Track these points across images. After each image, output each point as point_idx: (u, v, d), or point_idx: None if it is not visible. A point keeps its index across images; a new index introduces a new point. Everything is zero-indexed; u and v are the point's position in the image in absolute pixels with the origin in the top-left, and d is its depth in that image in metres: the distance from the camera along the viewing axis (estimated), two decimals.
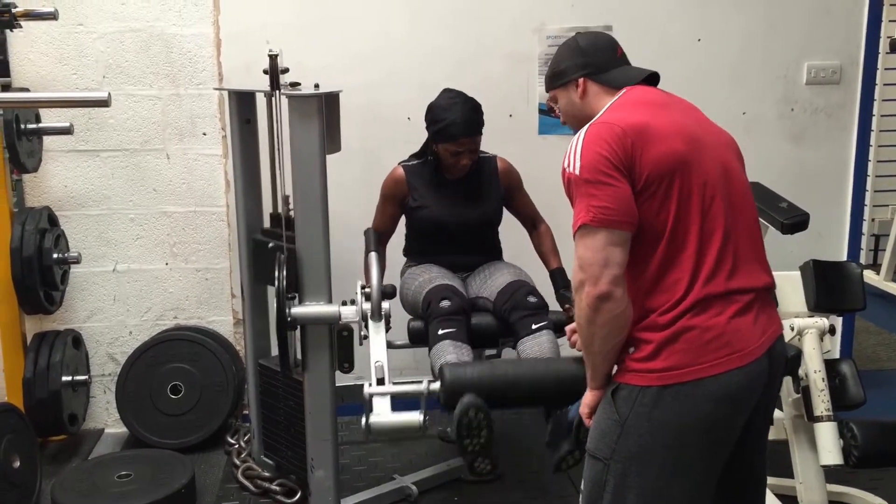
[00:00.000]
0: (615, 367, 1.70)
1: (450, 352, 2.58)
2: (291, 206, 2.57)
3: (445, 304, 2.65)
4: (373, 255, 2.65)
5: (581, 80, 1.83)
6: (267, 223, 2.94)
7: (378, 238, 2.88)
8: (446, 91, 2.90)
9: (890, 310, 5.00)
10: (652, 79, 1.87)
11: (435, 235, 2.93)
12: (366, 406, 2.25)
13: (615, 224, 1.58)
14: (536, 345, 2.64)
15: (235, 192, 3.00)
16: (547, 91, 1.95)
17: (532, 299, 2.70)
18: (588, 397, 1.76)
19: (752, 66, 3.55)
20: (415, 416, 2.21)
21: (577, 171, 1.62)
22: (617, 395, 1.67)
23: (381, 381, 2.32)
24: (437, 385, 2.11)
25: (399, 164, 2.98)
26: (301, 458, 2.71)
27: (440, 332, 2.61)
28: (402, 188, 2.92)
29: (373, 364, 2.36)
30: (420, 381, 2.15)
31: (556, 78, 1.90)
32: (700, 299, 1.61)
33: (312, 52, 3.25)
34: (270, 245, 2.48)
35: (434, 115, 2.84)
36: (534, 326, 2.66)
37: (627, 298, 1.60)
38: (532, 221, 3.06)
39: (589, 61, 1.85)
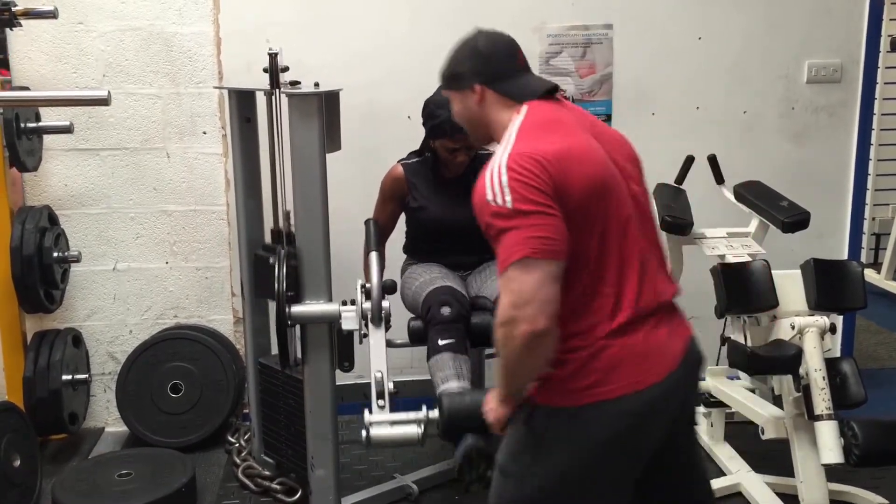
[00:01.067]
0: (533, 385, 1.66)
1: (449, 366, 2.59)
2: (293, 223, 2.55)
3: (445, 310, 2.62)
4: (373, 255, 2.64)
5: (478, 88, 1.75)
6: (268, 238, 2.93)
7: (378, 232, 2.87)
8: None
9: (891, 309, 4.99)
10: (551, 89, 1.77)
11: (435, 235, 2.92)
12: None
13: (557, 255, 1.51)
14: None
15: (235, 190, 3.00)
16: (441, 89, 1.86)
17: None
18: (502, 411, 1.71)
19: (752, 65, 3.54)
20: (413, 430, 2.28)
21: (507, 204, 1.52)
22: (536, 414, 1.65)
23: (380, 395, 2.38)
24: (435, 413, 2.21)
25: (398, 162, 2.97)
26: (301, 457, 2.71)
27: (440, 342, 2.60)
28: (401, 187, 2.91)
29: (373, 374, 2.39)
30: (420, 410, 2.27)
31: (452, 80, 1.82)
32: (623, 322, 1.59)
33: (312, 50, 3.25)
34: (271, 261, 2.45)
35: (430, 111, 2.80)
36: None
37: (557, 332, 1.54)
38: None
39: (488, 68, 1.76)
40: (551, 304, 1.49)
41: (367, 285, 2.48)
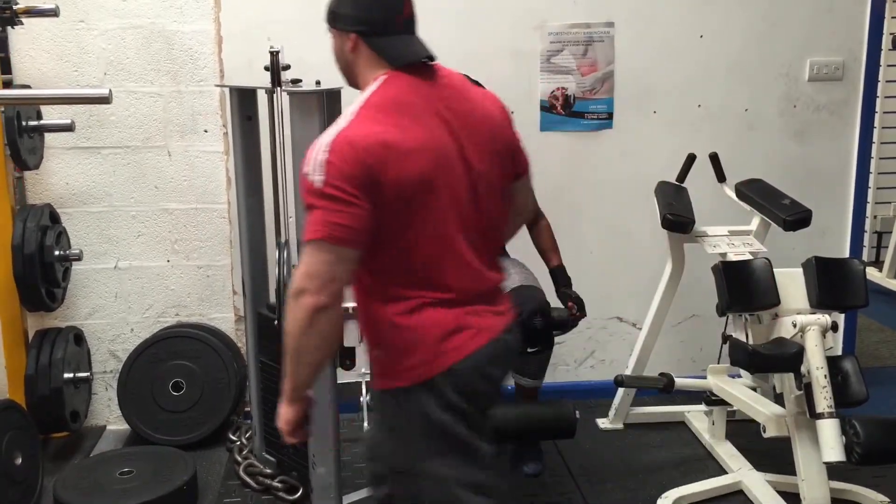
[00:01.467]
0: (371, 377, 1.71)
1: None
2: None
3: None
4: None
5: (353, 37, 1.73)
6: (272, 298, 2.93)
7: None
8: None
9: (892, 307, 4.99)
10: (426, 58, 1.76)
11: None
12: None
13: (350, 244, 1.56)
14: (524, 366, 2.71)
15: (237, 188, 2.99)
16: (326, 22, 1.82)
17: (537, 321, 2.62)
18: (288, 413, 1.73)
19: (754, 63, 3.54)
20: None
21: (318, 184, 1.55)
22: (381, 403, 1.71)
23: None
24: None
25: None
26: (303, 455, 2.71)
27: None
28: None
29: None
30: None
31: (333, 18, 1.77)
32: (439, 306, 1.66)
33: (314, 48, 3.21)
34: (276, 322, 2.43)
35: None
36: (528, 350, 2.64)
37: (341, 313, 1.63)
38: (532, 215, 3.03)
39: (367, 18, 1.72)
40: (337, 283, 1.57)
41: None
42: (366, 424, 2.64)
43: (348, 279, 1.61)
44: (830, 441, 2.42)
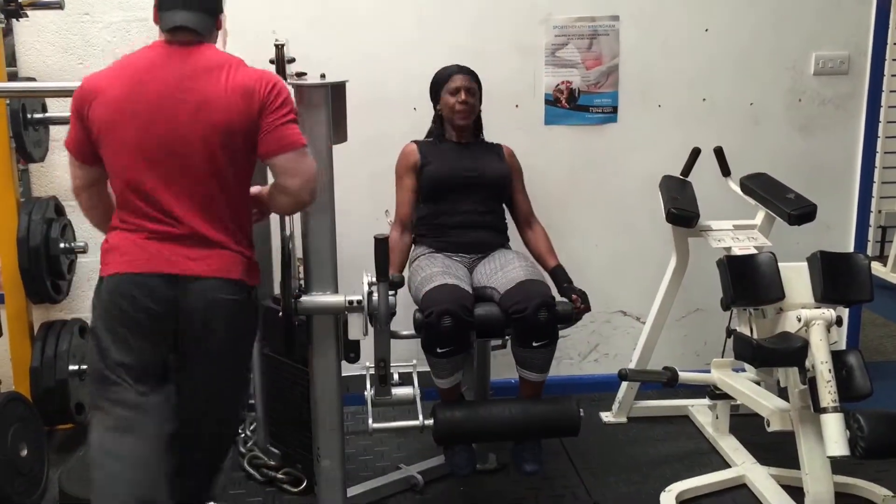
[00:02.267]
0: None
1: (445, 367, 2.68)
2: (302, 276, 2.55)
3: (446, 321, 2.57)
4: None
5: (154, 10, 2.15)
6: (276, 290, 2.92)
7: (402, 226, 2.97)
8: None
9: None
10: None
11: (446, 190, 2.92)
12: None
13: (76, 155, 2.14)
14: (529, 360, 2.70)
15: None
16: None
17: (542, 315, 2.61)
18: None
19: (759, 57, 3.53)
20: (415, 421, 2.65)
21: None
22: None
23: (383, 380, 2.59)
24: (430, 421, 2.62)
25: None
26: (307, 448, 2.72)
27: (438, 350, 2.63)
28: (415, 157, 2.98)
29: (376, 367, 2.55)
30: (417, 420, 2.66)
31: None
32: (126, 226, 2.09)
33: (319, 43, 3.25)
34: (280, 315, 2.46)
35: (433, 78, 3.06)
36: (534, 344, 2.65)
37: (89, 205, 2.22)
38: (527, 219, 3.05)
39: None
40: (76, 179, 2.18)
41: (373, 288, 2.47)
42: (370, 417, 2.65)
43: (85, 181, 2.16)
44: (834, 435, 2.42)
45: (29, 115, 2.97)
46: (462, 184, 2.92)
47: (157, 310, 2.05)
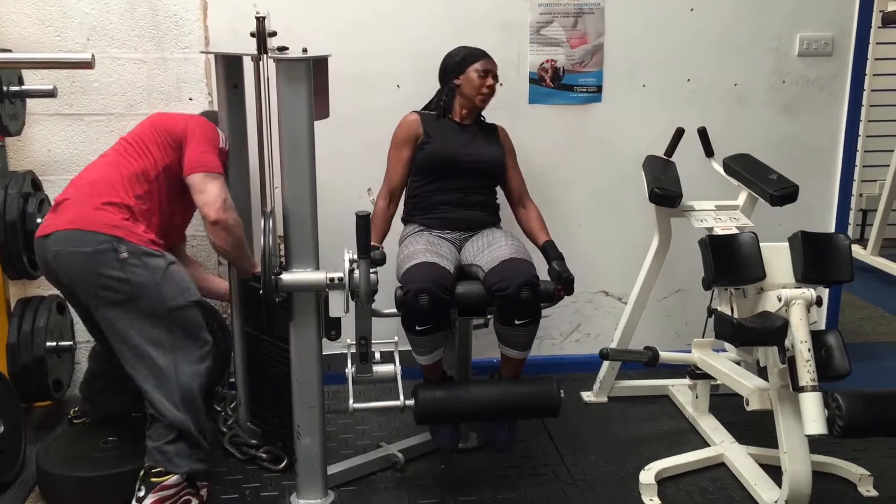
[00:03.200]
0: None
1: (424, 345, 2.67)
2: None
3: (423, 299, 2.57)
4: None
5: None
6: (258, 268, 2.91)
7: (390, 196, 3.00)
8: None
9: (876, 284, 5.03)
10: None
11: (443, 171, 2.92)
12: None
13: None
14: (512, 338, 2.71)
15: None
16: None
17: (525, 294, 2.61)
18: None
19: (744, 37, 3.53)
20: (396, 401, 2.65)
21: None
22: None
23: (364, 358, 2.61)
24: (411, 401, 2.63)
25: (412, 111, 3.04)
26: (287, 426, 2.71)
27: (417, 327, 2.62)
28: (417, 129, 2.97)
29: (357, 344, 2.57)
30: (398, 399, 2.65)
31: None
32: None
33: (301, 18, 3.21)
34: (261, 293, 2.46)
35: (453, 55, 3.01)
36: (517, 322, 2.65)
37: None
38: (520, 198, 3.07)
39: None
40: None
41: (355, 266, 2.46)
42: (351, 396, 2.64)
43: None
44: (813, 414, 2.43)
45: (5, 88, 2.92)
46: (460, 167, 2.93)
47: None
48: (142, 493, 2.50)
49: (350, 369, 2.67)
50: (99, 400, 2.91)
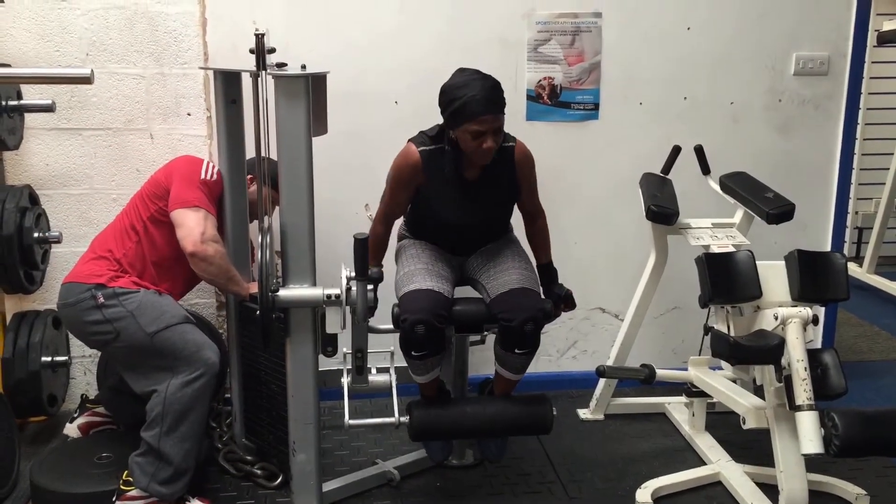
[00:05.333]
0: None
1: (420, 367, 2.66)
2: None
3: (419, 329, 2.51)
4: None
5: None
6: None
7: (373, 248, 2.67)
8: (461, 70, 2.62)
9: (871, 302, 5.04)
10: None
11: (440, 231, 2.82)
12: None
13: None
14: (509, 362, 2.69)
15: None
16: None
17: (529, 328, 2.55)
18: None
19: (740, 56, 3.55)
20: (391, 419, 2.65)
21: None
22: None
23: (360, 370, 2.60)
24: (406, 418, 2.64)
25: (412, 142, 2.70)
26: (283, 442, 2.70)
27: (413, 353, 2.60)
28: (418, 176, 2.67)
29: (353, 357, 2.56)
30: (393, 416, 2.66)
31: None
32: None
33: (299, 34, 3.22)
34: (257, 313, 2.47)
35: (450, 95, 2.54)
36: (517, 351, 2.62)
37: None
38: (531, 214, 2.89)
39: None
40: None
41: (352, 283, 2.45)
42: (346, 412, 2.63)
43: None
44: (809, 433, 2.43)
45: (4, 102, 2.92)
46: (458, 231, 2.80)
47: None
48: (114, 498, 2.58)
49: (346, 379, 2.67)
50: (129, 409, 2.93)
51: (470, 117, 2.49)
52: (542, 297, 2.74)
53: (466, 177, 2.69)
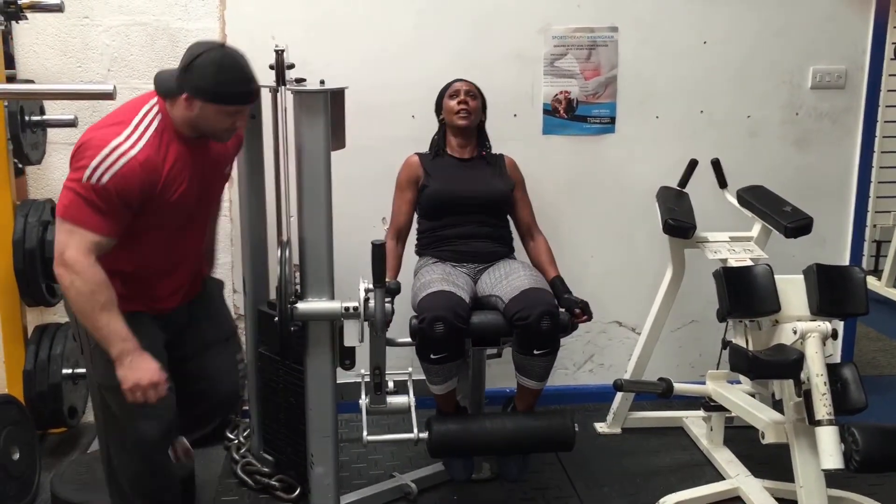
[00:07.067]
0: None
1: (438, 373, 2.68)
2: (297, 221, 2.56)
3: (439, 328, 2.57)
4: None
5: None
6: (272, 295, 2.94)
7: (397, 235, 2.98)
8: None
9: (890, 316, 5.00)
10: None
11: (446, 211, 2.93)
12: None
13: None
14: (529, 368, 2.70)
15: (239, 187, 2.99)
16: None
17: (545, 323, 2.61)
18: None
19: (757, 70, 3.55)
20: (410, 434, 2.65)
21: None
22: None
23: (378, 388, 2.57)
24: (425, 434, 2.64)
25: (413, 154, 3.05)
26: (301, 454, 2.71)
27: (432, 356, 2.63)
28: (417, 171, 2.98)
29: (371, 374, 2.54)
30: (412, 432, 2.65)
31: None
32: None
33: (318, 49, 3.25)
34: (276, 320, 2.46)
35: (440, 92, 3.04)
36: (535, 352, 2.65)
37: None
38: (529, 229, 3.05)
39: None
40: None
41: (370, 295, 2.47)
42: (365, 428, 2.63)
43: None
44: (829, 448, 2.42)
45: (27, 118, 2.97)
46: (461, 205, 2.93)
47: None
48: None
49: (364, 400, 2.66)
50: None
51: (447, 87, 3.03)
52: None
53: (461, 156, 3.00)
